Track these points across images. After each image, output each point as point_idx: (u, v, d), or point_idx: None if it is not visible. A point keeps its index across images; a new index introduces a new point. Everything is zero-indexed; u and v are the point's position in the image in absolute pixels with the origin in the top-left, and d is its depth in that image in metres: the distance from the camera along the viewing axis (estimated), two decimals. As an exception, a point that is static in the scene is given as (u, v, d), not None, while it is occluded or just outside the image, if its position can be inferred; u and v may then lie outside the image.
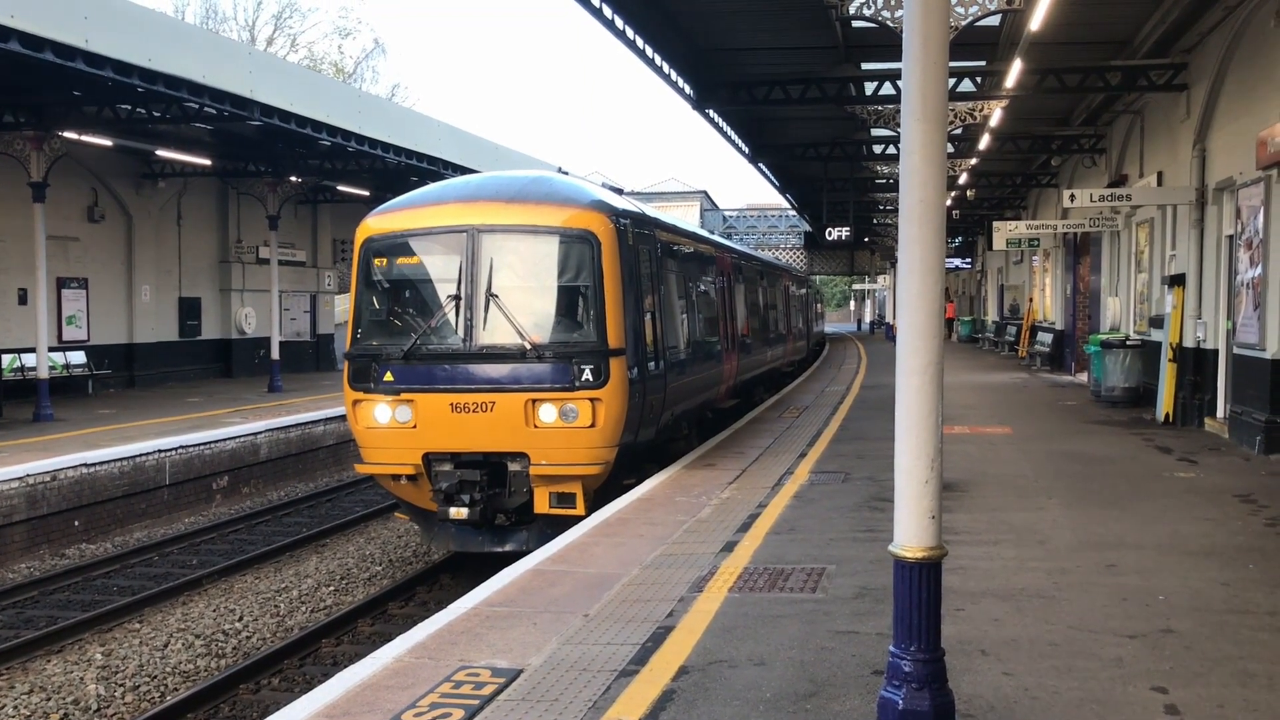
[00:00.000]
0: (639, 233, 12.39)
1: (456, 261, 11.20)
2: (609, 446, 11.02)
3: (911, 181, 4.32)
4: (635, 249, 11.97)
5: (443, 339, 11.21)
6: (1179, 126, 18.01)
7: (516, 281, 11.24)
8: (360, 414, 11.38)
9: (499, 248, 11.21)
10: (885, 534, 8.29)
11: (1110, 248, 23.86)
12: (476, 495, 10.95)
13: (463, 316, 11.11)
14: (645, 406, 11.73)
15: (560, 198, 11.56)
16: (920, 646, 4.37)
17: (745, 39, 18.36)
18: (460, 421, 10.92)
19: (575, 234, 11.19)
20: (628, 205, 12.79)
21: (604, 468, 11.02)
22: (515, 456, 11.06)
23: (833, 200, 33.83)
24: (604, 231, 11.23)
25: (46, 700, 9.07)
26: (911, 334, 4.35)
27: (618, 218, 11.64)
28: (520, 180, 12.22)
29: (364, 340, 11.53)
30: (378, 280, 11.69)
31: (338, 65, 58.05)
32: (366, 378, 11.28)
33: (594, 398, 10.84)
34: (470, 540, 11.50)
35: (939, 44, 4.30)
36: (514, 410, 10.84)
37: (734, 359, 18.55)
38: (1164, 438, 15.33)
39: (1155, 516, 9.82)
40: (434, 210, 11.63)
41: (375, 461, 11.45)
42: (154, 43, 16.79)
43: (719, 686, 5.61)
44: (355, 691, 5.68)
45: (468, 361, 11.05)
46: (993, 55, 18.07)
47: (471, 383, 10.96)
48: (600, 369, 10.85)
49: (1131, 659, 5.95)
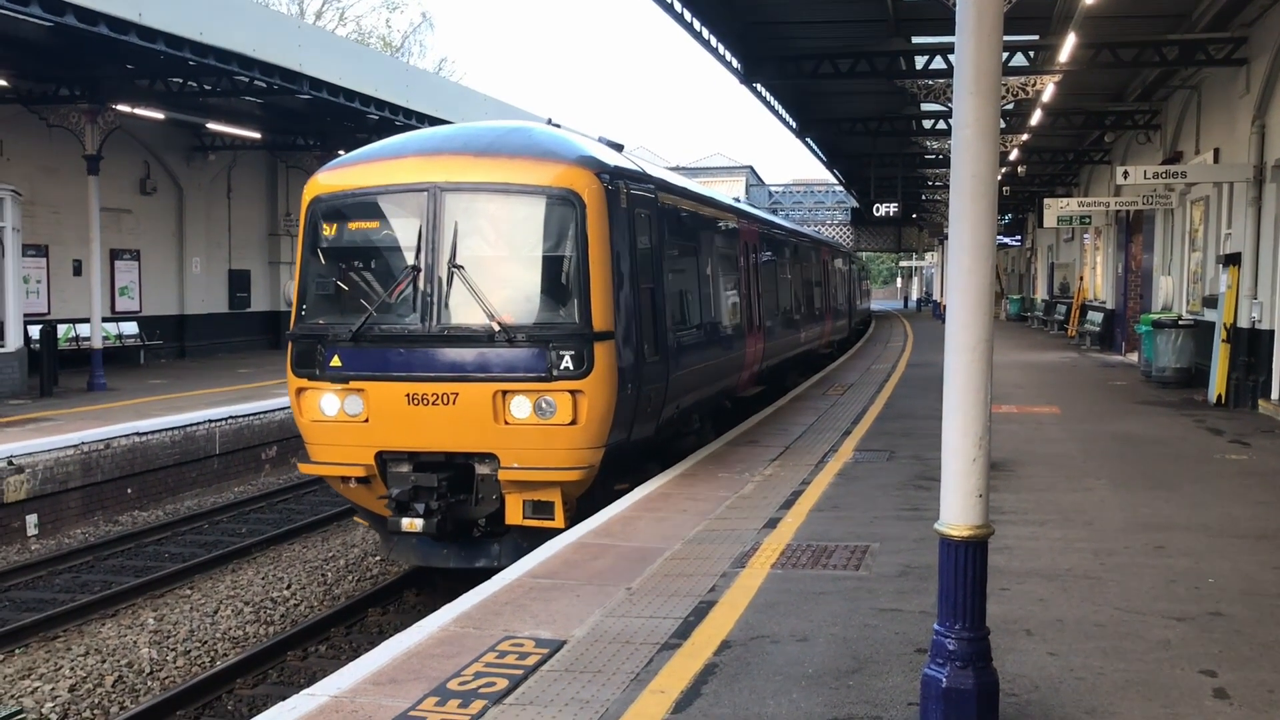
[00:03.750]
0: (636, 194, 10.62)
1: (415, 226, 9.59)
2: (594, 447, 9.44)
3: (963, 156, 4.27)
4: (630, 213, 10.30)
5: (398, 318, 9.61)
6: (1237, 102, 17.63)
7: (485, 250, 9.68)
8: (304, 405, 9.86)
9: (465, 210, 9.59)
10: (929, 513, 8.27)
11: (1164, 226, 23.45)
12: (434, 503, 9.40)
13: (421, 292, 9.50)
14: (641, 399, 10.19)
15: (538, 151, 9.84)
16: (965, 625, 4.35)
17: (794, 12, 18.21)
18: (418, 416, 9.40)
19: (555, 194, 9.49)
20: (623, 162, 10.91)
21: (587, 472, 9.41)
22: (483, 458, 9.54)
23: (880, 175, 33.60)
24: (590, 192, 9.52)
25: (102, 663, 9.28)
26: (961, 311, 4.31)
27: (608, 176, 9.90)
28: (494, 131, 10.60)
29: (309, 318, 9.92)
30: (326, 247, 10.07)
31: (385, 39, 58.25)
32: (311, 362, 9.73)
33: (575, 389, 9.25)
34: (434, 554, 10.03)
35: (993, 16, 4.24)
36: (480, 403, 9.28)
37: (758, 341, 16.77)
38: (1216, 419, 15.09)
39: (1206, 499, 9.69)
40: (391, 165, 9.98)
41: (321, 460, 9.93)
42: (205, 16, 16.95)
43: (761, 661, 5.62)
44: (401, 659, 5.76)
45: (427, 345, 9.45)
46: (1046, 29, 17.77)
47: (431, 370, 9.41)
48: (583, 355, 9.25)
49: (1180, 641, 5.88)
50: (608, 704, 5.07)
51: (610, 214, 9.71)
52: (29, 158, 22.41)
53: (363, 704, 5.16)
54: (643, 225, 10.73)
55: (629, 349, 9.89)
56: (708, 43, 18.32)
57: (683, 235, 12.83)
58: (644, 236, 10.73)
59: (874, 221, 44.44)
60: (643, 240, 10.66)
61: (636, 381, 9.99)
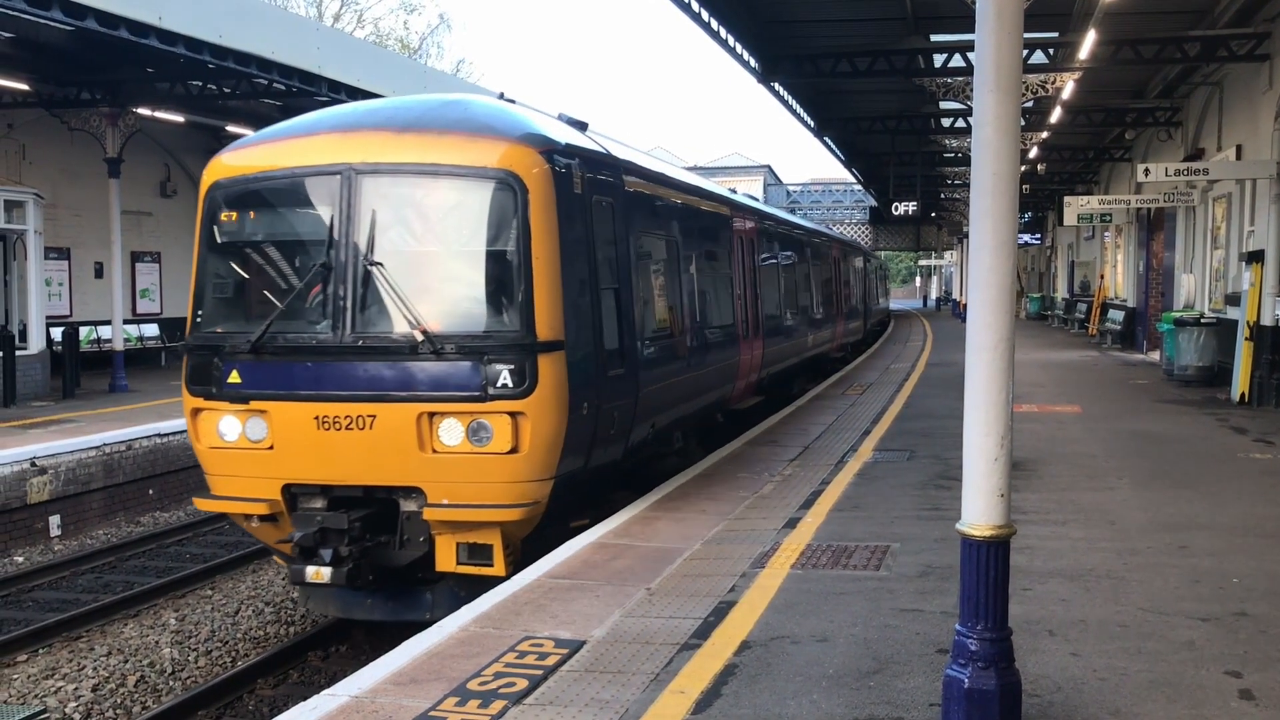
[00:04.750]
0: (596, 179, 9.16)
1: (327, 216, 8.23)
2: (540, 479, 8.04)
3: (984, 154, 4.25)
4: (587, 201, 8.86)
5: (306, 326, 8.23)
6: (1260, 98, 17.49)
7: (408, 245, 8.35)
8: (201, 428, 8.48)
9: (384, 196, 8.20)
10: (950, 512, 8.23)
11: (1185, 223, 23.29)
12: (345, 548, 7.94)
13: (333, 295, 8.10)
14: (602, 419, 8.78)
15: (474, 127, 8.41)
16: (987, 625, 4.32)
17: (811, 10, 18.17)
18: (330, 442, 8.00)
19: (491, 177, 8.04)
20: (581, 141, 9.38)
21: (532, 509, 7.98)
22: (409, 492, 8.13)
23: (899, 174, 33.47)
24: (535, 175, 8.08)
25: (124, 663, 9.33)
26: (982, 309, 4.28)
27: (558, 156, 8.46)
28: (424, 104, 9.21)
29: (206, 326, 8.54)
30: (225, 242, 8.68)
31: (403, 41, 58.43)
32: (207, 378, 8.36)
33: (515, 411, 7.82)
34: (355, 604, 8.67)
35: (1013, 13, 4.22)
36: (402, 428, 7.88)
37: (756, 347, 15.21)
38: (1239, 418, 14.97)
39: (1229, 498, 9.61)
40: (301, 144, 8.58)
41: (221, 494, 8.56)
42: (224, 19, 17.02)
43: (781, 662, 5.60)
44: (422, 659, 5.77)
45: (339, 358, 8.04)
46: (1065, 26, 17.67)
47: (344, 388, 8.01)
48: (524, 369, 7.82)
49: (1204, 642, 5.83)
50: (628, 704, 5.07)
51: (560, 201, 8.29)
52: (51, 161, 22.59)
53: (383, 704, 5.16)
54: (604, 215, 9.27)
55: (585, 361, 8.52)
56: (725, 42, 18.29)
57: (658, 228, 11.28)
58: (606, 229, 9.28)
59: (893, 220, 44.30)
60: (604, 233, 9.23)
61: (595, 399, 8.60)
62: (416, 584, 8.56)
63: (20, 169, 21.79)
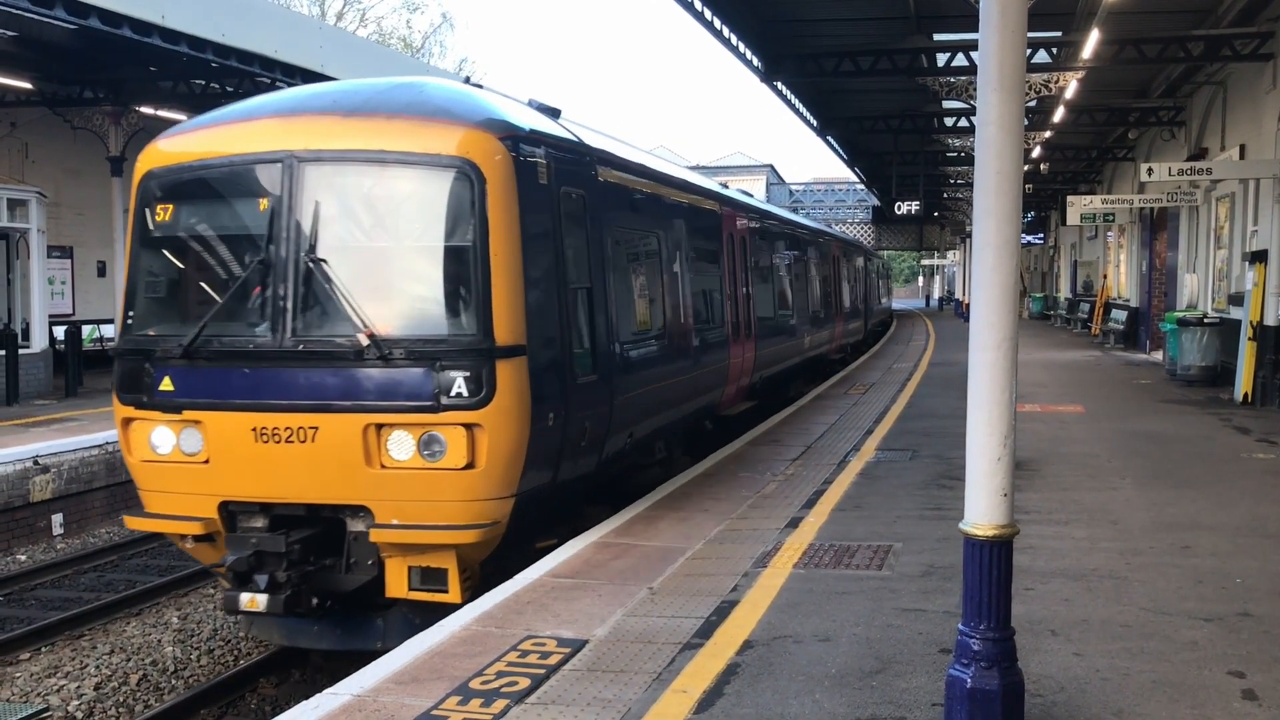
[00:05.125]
0: (565, 169, 8.47)
1: (267, 208, 7.57)
2: (499, 497, 7.39)
3: (987, 153, 4.24)
4: (554, 193, 8.19)
5: (244, 329, 7.57)
6: (1264, 98, 17.47)
7: (355, 239, 7.67)
8: (133, 440, 7.89)
9: (329, 186, 7.55)
10: (953, 512, 8.22)
11: (1188, 223, 23.26)
12: (283, 573, 7.28)
13: (272, 294, 7.46)
14: (571, 429, 8.13)
15: (428, 110, 7.76)
16: (990, 625, 4.32)
17: (814, 9, 18.16)
18: (270, 456, 7.37)
19: (446, 165, 7.39)
20: (549, 128, 8.68)
21: (490, 529, 7.35)
22: (356, 511, 7.49)
23: (902, 173, 33.44)
24: (494, 163, 7.43)
25: (127, 661, 9.34)
26: (986, 309, 4.28)
27: (521, 144, 7.79)
28: (374, 87, 8.45)
29: (138, 328, 7.96)
30: (159, 236, 8.01)
31: (406, 40, 58.45)
32: (138, 385, 7.75)
33: (471, 422, 7.17)
34: (301, 632, 8.04)
35: (1017, 12, 4.21)
36: (347, 441, 7.24)
37: (748, 350, 14.48)
38: (1242, 418, 14.96)
39: (1232, 498, 9.60)
40: (241, 129, 7.94)
41: (156, 512, 7.92)
42: (227, 18, 17.04)
43: (784, 661, 5.60)
44: (424, 659, 5.77)
45: (278, 364, 7.40)
46: (1069, 25, 17.66)
47: (284, 397, 7.36)
48: (481, 377, 7.16)
49: (1207, 642, 5.82)
50: (630, 704, 5.06)
51: (523, 192, 7.63)
52: (53, 160, 22.61)
53: (385, 703, 5.16)
54: (574, 209, 8.61)
55: (550, 367, 7.87)
56: (728, 41, 18.29)
57: (638, 223, 10.55)
58: (576, 223, 8.62)
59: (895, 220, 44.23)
60: (575, 228, 8.57)
61: (563, 408, 7.95)
62: (368, 610, 7.85)
63: (23, 167, 21.82)
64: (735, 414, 14.51)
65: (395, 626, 7.73)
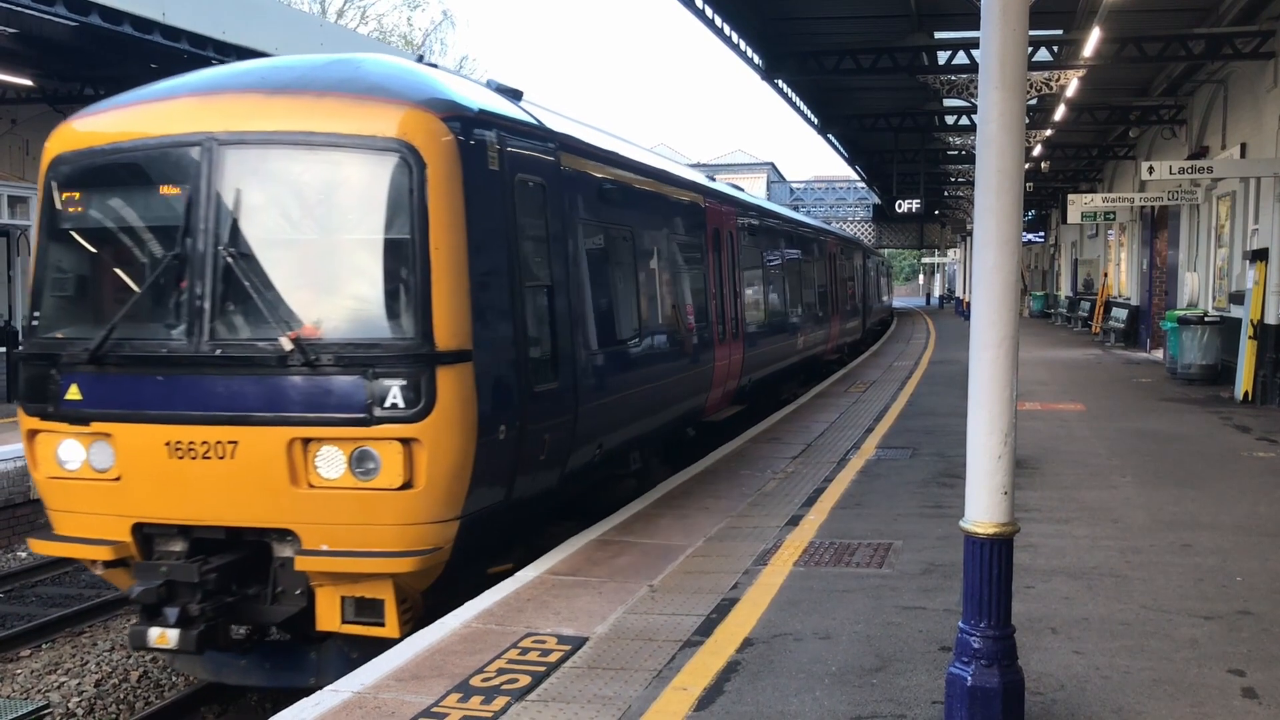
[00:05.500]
0: (523, 155, 7.72)
1: (184, 197, 6.82)
2: (441, 520, 6.66)
3: (989, 151, 4.24)
4: (509, 181, 7.44)
5: (158, 332, 6.80)
6: (1265, 96, 17.46)
7: (279, 232, 6.96)
8: (39, 453, 7.13)
9: (252, 172, 6.83)
10: (953, 510, 8.23)
11: (1189, 222, 23.26)
12: (197, 604, 6.56)
13: (188, 293, 6.71)
14: (528, 442, 7.42)
15: (363, 87, 6.97)
16: (990, 623, 4.32)
17: (815, 7, 18.14)
18: (187, 473, 6.65)
19: (382, 148, 6.64)
20: (505, 109, 7.87)
21: (431, 556, 6.62)
22: (282, 534, 6.75)
23: (903, 172, 33.44)
24: (437, 146, 6.69)
25: (127, 658, 9.34)
26: (987, 307, 4.28)
27: (470, 126, 7.04)
28: (307, 63, 7.61)
29: (44, 330, 7.18)
30: (68, 228, 7.27)
31: (406, 37, 58.42)
32: (44, 394, 7.00)
33: (408, 437, 6.46)
34: (227, 667, 7.31)
35: (1018, 10, 4.21)
36: (269, 457, 6.54)
37: (735, 351, 13.80)
38: (1242, 416, 14.96)
39: (1233, 496, 9.60)
40: (157, 109, 7.19)
41: (65, 535, 7.15)
42: (228, 15, 17.04)
43: (784, 659, 5.60)
44: (424, 656, 5.77)
45: (194, 370, 6.66)
46: (1070, 23, 17.65)
47: (200, 408, 6.63)
48: (419, 386, 6.46)
49: (1207, 640, 5.83)
50: (630, 701, 5.07)
51: (471, 180, 6.88)
52: (54, 157, 22.60)
53: (386, 700, 5.17)
54: (533, 199, 7.86)
55: (502, 373, 7.15)
56: (729, 39, 18.27)
57: (609, 216, 9.70)
58: (534, 215, 7.88)
59: (896, 218, 44.17)
60: (533, 220, 7.83)
61: (517, 419, 7.23)
62: (302, 641, 7.11)
63: (24, 164, 21.83)
64: (723, 419, 13.88)
65: (330, 660, 7.01)
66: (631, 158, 10.88)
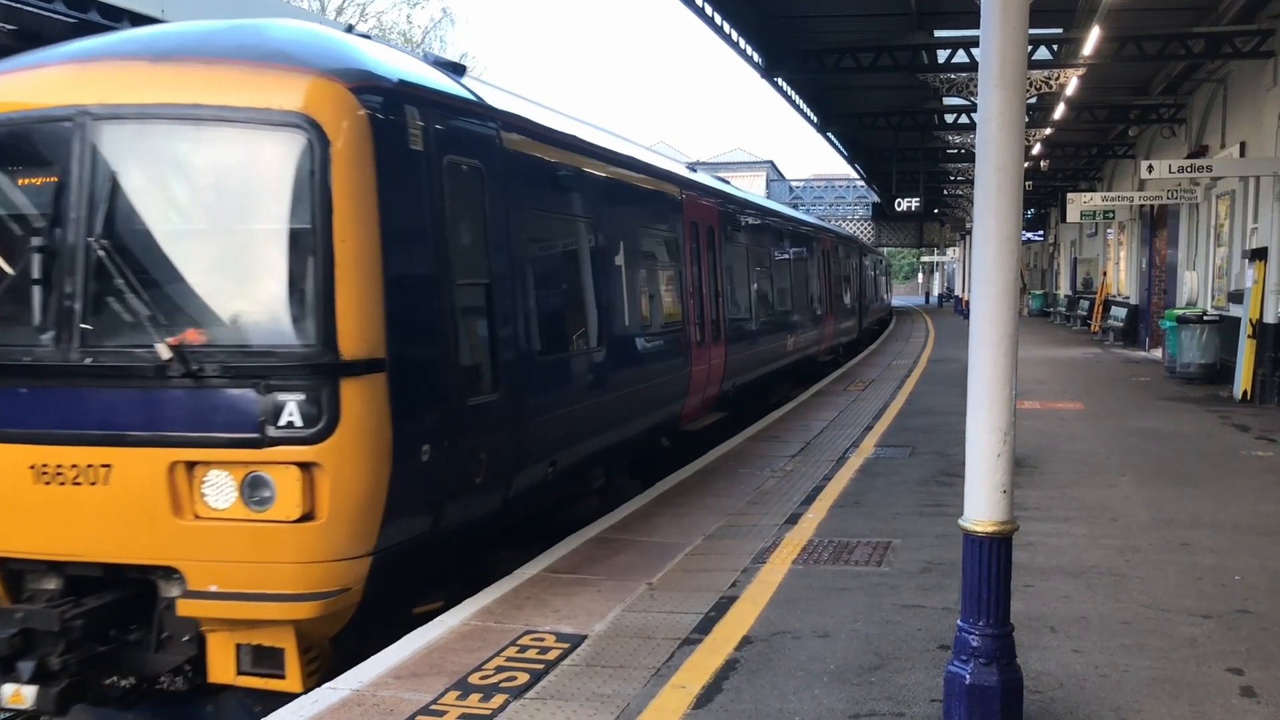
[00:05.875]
0: (455, 134, 6.83)
1: (53, 180, 5.96)
2: (350, 557, 5.81)
3: (988, 149, 4.24)
4: (436, 164, 6.53)
5: (23, 336, 5.93)
6: (1264, 95, 17.46)
7: (161, 221, 6.02)
8: None
9: (130, 151, 5.97)
10: (952, 509, 8.23)
11: (1188, 221, 23.26)
12: (59, 657, 5.67)
13: (56, 292, 5.86)
14: (459, 464, 6.56)
15: (261, 54, 6.06)
16: (989, 621, 4.32)
17: (815, 5, 18.13)
18: (54, 501, 5.80)
19: (278, 123, 5.76)
20: (436, 82, 6.92)
21: (338, 599, 5.80)
22: (168, 573, 5.85)
23: (902, 170, 33.42)
24: (345, 122, 5.81)
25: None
26: (986, 306, 4.28)
27: (387, 100, 6.16)
28: (204, 27, 6.67)
29: None
30: None
31: (406, 35, 58.37)
32: None
33: (308, 461, 5.60)
34: None
35: (1018, 8, 4.21)
36: (148, 483, 5.70)
37: (715, 355, 12.96)
38: (1241, 415, 14.96)
39: (1231, 495, 9.60)
40: (27, 79, 6.28)
41: None
42: (228, 13, 17.00)
43: (782, 657, 5.60)
44: (423, 653, 5.77)
45: (63, 382, 5.83)
46: (1070, 22, 17.64)
47: (71, 425, 5.80)
48: (321, 401, 5.61)
49: (1206, 639, 5.83)
50: (629, 699, 5.07)
51: (387, 160, 6.03)
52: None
53: (384, 697, 5.17)
54: (468, 184, 6.93)
55: (425, 385, 6.31)
56: (729, 37, 18.26)
57: (565, 206, 8.80)
58: (469, 203, 6.94)
59: (895, 217, 44.19)
60: (467, 209, 6.90)
61: (446, 437, 6.38)
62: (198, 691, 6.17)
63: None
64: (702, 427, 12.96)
65: (230, 714, 6.19)
66: (593, 142, 9.85)
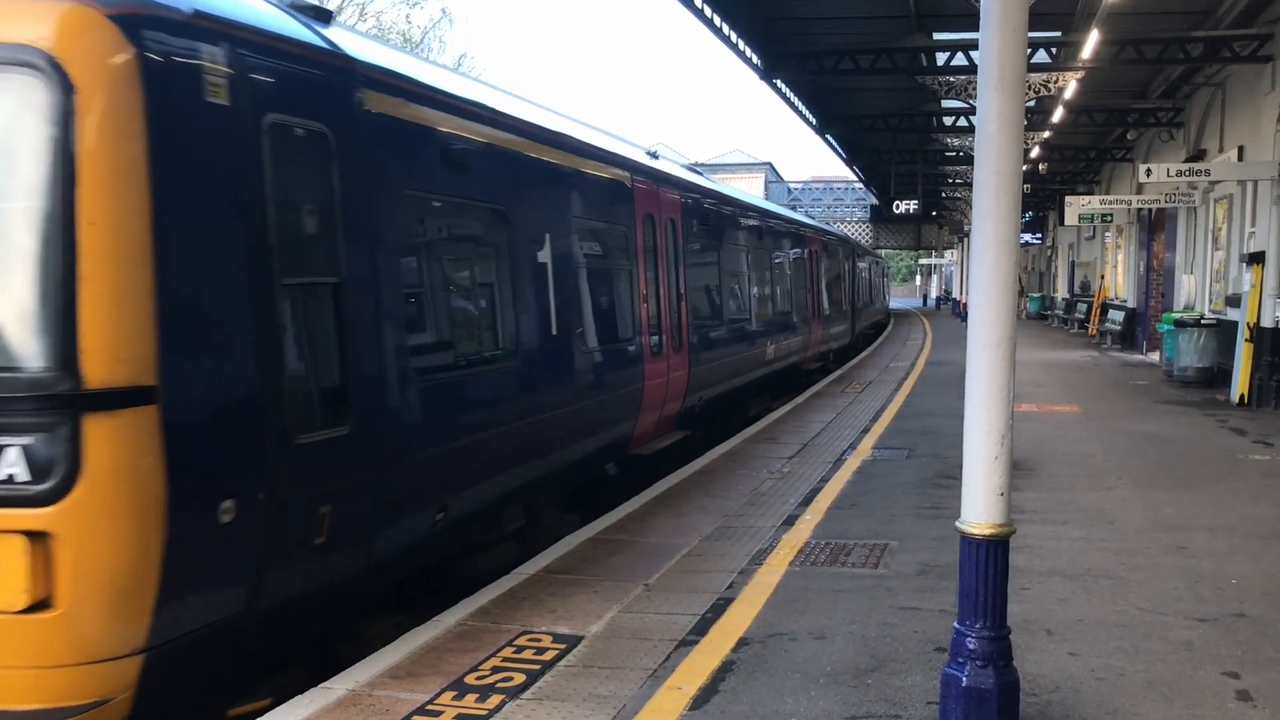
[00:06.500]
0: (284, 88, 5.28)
1: None
2: (110, 658, 4.36)
3: (987, 152, 4.24)
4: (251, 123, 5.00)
5: None
6: (1263, 99, 17.48)
7: None
8: None
9: None
10: (949, 511, 8.23)
11: (1186, 224, 23.27)
12: None
13: None
14: (287, 521, 5.16)
15: None
16: (986, 624, 4.32)
17: (814, 8, 18.15)
18: None
19: (5, 62, 4.28)
20: (252, 17, 5.20)
21: (93, 715, 4.35)
22: None
23: (900, 172, 33.44)
24: (100, 64, 4.31)
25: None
26: (984, 308, 4.28)
27: (173, 36, 4.59)
28: None
29: None
30: None
31: (405, 35, 58.33)
32: None
33: (38, 530, 4.20)
34: None
35: (1018, 11, 4.21)
36: None
37: (676, 365, 11.48)
38: (1238, 419, 14.97)
39: (1228, 499, 9.61)
40: None
41: None
42: (226, 11, 17.00)
43: (779, 659, 5.60)
44: (419, 654, 5.76)
45: None
46: (1069, 25, 17.67)
47: None
48: (55, 445, 4.21)
49: (1201, 643, 5.83)
50: (625, 700, 5.07)
51: (166, 116, 4.51)
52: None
53: (380, 697, 5.16)
54: (304, 153, 5.44)
55: (228, 419, 4.83)
56: (728, 39, 18.28)
57: (462, 189, 7.09)
58: (308, 177, 5.49)
59: (894, 219, 44.16)
60: (306, 185, 5.48)
61: (262, 486, 4.94)
62: None
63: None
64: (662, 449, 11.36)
65: None
66: (506, 111, 8.06)
